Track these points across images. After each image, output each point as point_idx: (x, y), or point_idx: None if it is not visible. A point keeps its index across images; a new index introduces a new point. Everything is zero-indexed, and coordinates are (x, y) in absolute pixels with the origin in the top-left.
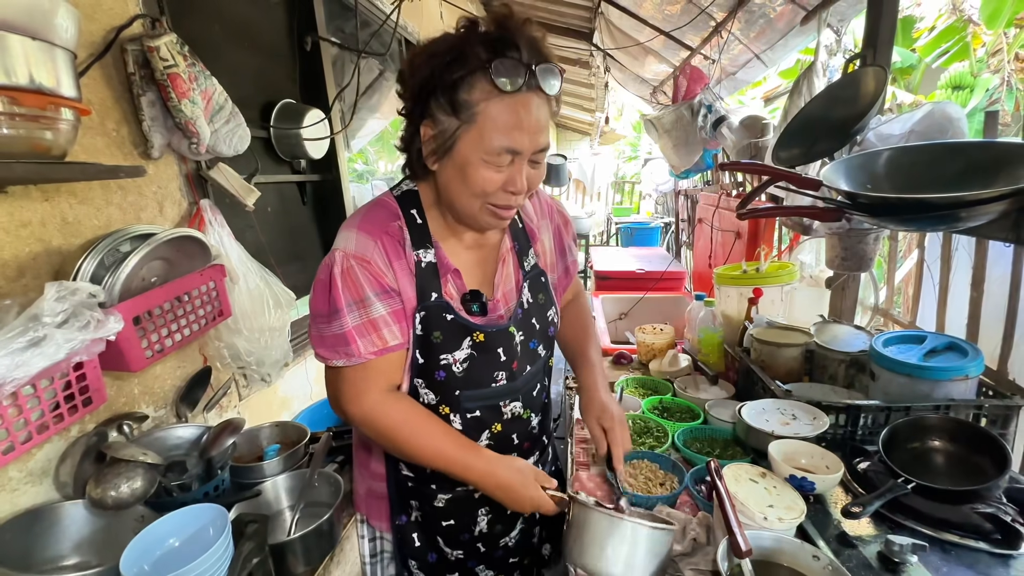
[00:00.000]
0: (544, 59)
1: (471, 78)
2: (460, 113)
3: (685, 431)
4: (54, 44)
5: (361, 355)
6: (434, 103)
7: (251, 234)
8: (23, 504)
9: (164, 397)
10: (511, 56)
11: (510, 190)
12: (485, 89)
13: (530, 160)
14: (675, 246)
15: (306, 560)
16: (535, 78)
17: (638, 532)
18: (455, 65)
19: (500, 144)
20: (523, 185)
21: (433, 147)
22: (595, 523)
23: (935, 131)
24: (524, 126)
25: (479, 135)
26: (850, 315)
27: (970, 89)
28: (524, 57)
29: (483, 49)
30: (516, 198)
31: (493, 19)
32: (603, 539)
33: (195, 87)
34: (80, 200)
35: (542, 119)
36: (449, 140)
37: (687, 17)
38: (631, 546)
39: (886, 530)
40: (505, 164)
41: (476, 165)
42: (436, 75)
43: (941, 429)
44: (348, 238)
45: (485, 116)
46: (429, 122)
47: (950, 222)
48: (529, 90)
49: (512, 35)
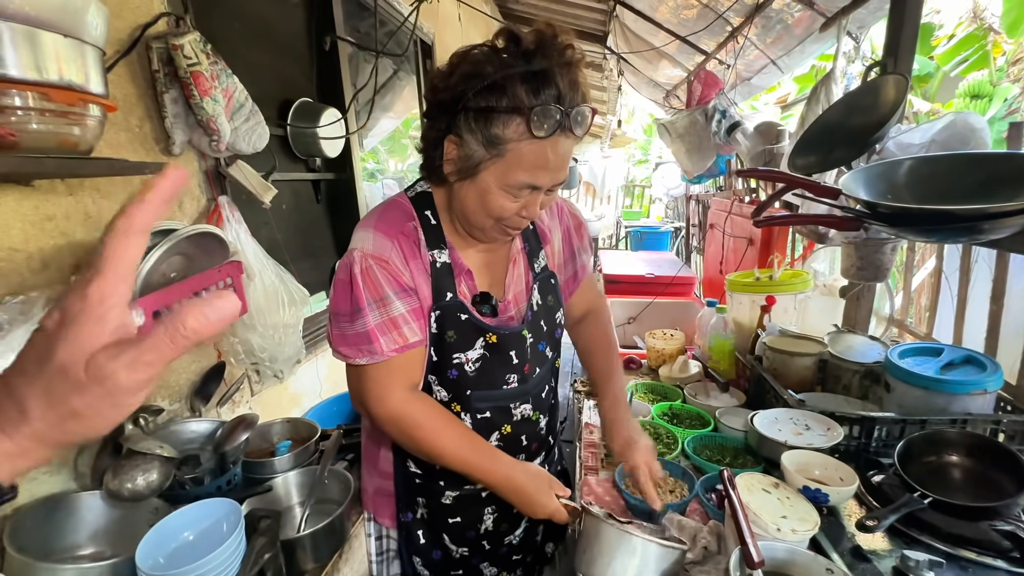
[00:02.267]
0: (580, 99)
1: (507, 117)
2: (489, 146)
3: (695, 438)
4: (84, 41)
5: (384, 353)
6: (464, 124)
7: (266, 231)
8: (41, 493)
9: (179, 391)
10: (549, 98)
11: (523, 215)
12: (519, 130)
13: (547, 190)
14: (685, 251)
15: (315, 557)
16: (568, 121)
17: (648, 549)
18: (492, 95)
19: (523, 181)
20: (537, 212)
21: (457, 167)
22: (606, 536)
23: (957, 141)
24: (550, 166)
25: (505, 169)
26: (864, 325)
27: (988, 98)
28: (562, 98)
29: (523, 88)
30: (527, 221)
31: (536, 40)
32: (613, 552)
33: (217, 85)
34: (103, 194)
35: (567, 156)
36: (475, 167)
37: (704, 22)
38: (641, 562)
39: (901, 545)
40: (524, 195)
41: (495, 194)
42: (471, 96)
43: (958, 444)
44: (365, 238)
45: (514, 154)
46: (455, 139)
47: (972, 234)
48: (561, 132)
49: (553, 71)
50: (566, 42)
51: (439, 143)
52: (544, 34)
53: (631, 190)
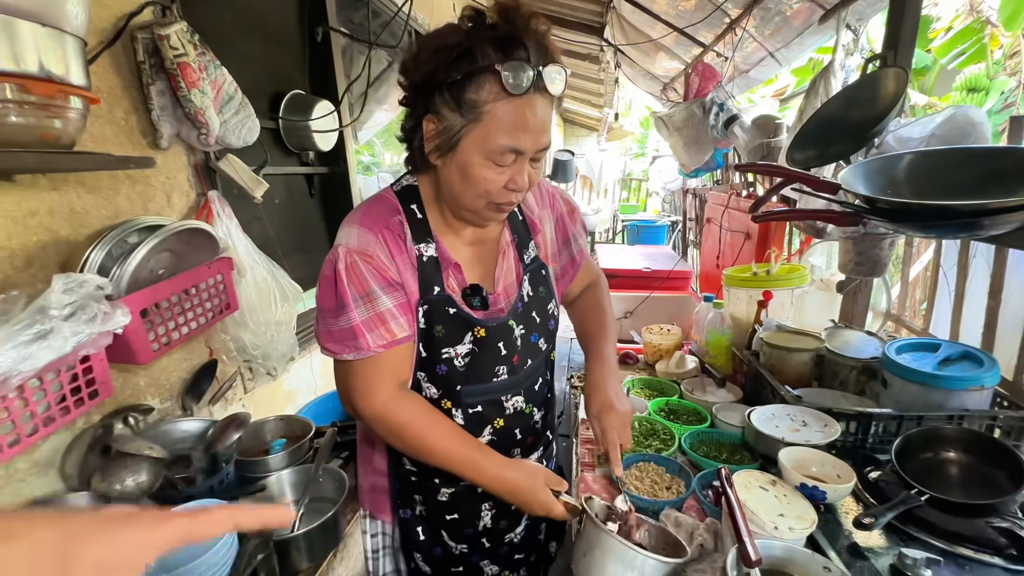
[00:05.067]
0: (551, 59)
1: (479, 78)
2: (466, 111)
3: (692, 434)
4: (64, 31)
5: (370, 348)
6: (439, 98)
7: (258, 226)
8: (28, 495)
9: (170, 389)
10: (519, 57)
11: (511, 188)
12: (493, 90)
13: (531, 159)
14: (682, 245)
15: (310, 556)
16: (541, 80)
17: (646, 564)
18: (462, 63)
19: (504, 144)
20: (524, 183)
21: (437, 143)
22: (604, 544)
23: (956, 135)
24: (529, 127)
25: (484, 134)
26: (861, 320)
27: (985, 92)
28: (532, 58)
29: (492, 49)
30: (517, 195)
31: (500, 12)
32: (610, 562)
33: (205, 77)
34: (88, 190)
35: (546, 119)
36: (454, 137)
37: (701, 14)
38: (638, 574)
39: (898, 542)
40: (508, 163)
41: (479, 165)
42: (442, 70)
43: (956, 440)
44: (349, 234)
45: (491, 116)
46: (433, 117)
47: (972, 230)
48: (535, 91)
49: (520, 33)
50: (530, 11)
51: (418, 127)
52: (507, 5)
53: (628, 184)
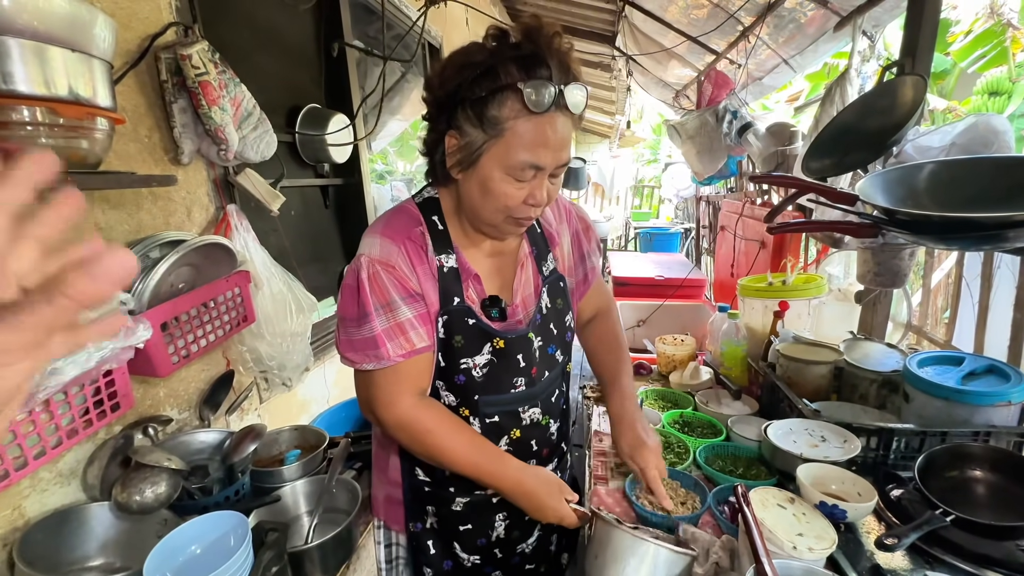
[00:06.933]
0: (573, 78)
1: (502, 95)
2: (488, 128)
3: (707, 448)
4: (92, 55)
5: (390, 358)
6: (462, 114)
7: (275, 237)
8: (52, 504)
9: (188, 400)
10: (541, 76)
11: (530, 203)
12: (515, 108)
13: (550, 174)
14: (695, 253)
15: (323, 568)
16: (563, 98)
17: (659, 554)
18: (486, 80)
19: (525, 160)
20: (543, 198)
21: (458, 158)
22: (616, 541)
23: (978, 144)
24: (549, 143)
25: (505, 150)
26: (881, 331)
27: (1007, 95)
28: (554, 77)
29: (515, 67)
30: (536, 210)
31: (523, 31)
32: (623, 558)
33: (225, 94)
34: (112, 205)
35: (566, 136)
36: (475, 153)
37: (714, 22)
38: (651, 567)
39: (923, 564)
40: (527, 179)
41: (499, 180)
42: (466, 87)
43: (982, 458)
44: (372, 244)
45: (512, 132)
46: (455, 133)
47: (996, 242)
48: (556, 109)
49: (543, 52)
50: (553, 30)
51: (440, 141)
52: (531, 25)
53: (640, 190)
